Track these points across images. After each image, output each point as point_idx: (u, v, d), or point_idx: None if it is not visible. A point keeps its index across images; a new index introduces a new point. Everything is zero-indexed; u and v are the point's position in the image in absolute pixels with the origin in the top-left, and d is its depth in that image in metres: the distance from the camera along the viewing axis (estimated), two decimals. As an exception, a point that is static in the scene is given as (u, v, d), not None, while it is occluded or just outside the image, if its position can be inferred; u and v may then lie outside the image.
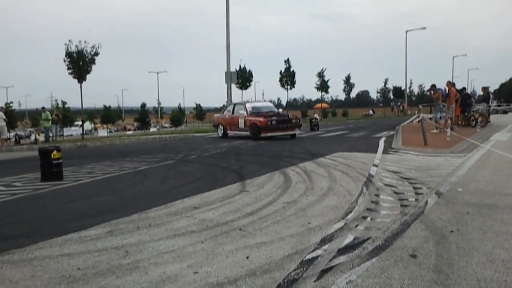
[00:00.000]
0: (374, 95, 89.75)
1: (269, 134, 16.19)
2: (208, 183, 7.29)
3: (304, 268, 3.38)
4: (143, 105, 71.77)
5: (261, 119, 16.54)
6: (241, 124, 17.26)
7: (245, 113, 17.28)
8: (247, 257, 3.67)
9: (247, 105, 18.16)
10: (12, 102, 49.28)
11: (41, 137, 24.70)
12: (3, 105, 25.89)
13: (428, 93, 18.96)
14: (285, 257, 3.65)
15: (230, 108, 18.86)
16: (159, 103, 70.18)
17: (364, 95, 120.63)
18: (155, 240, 4.20)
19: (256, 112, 17.42)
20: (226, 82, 25.41)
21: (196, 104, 75.63)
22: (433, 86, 17.40)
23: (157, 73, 65.44)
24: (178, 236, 4.32)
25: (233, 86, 29.58)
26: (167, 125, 66.66)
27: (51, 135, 22.59)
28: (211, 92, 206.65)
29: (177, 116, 57.68)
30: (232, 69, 26.73)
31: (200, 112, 72.81)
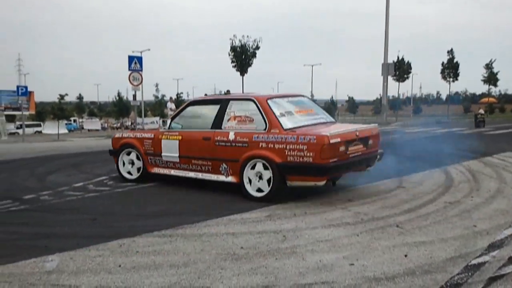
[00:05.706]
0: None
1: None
2: (363, 177, 7.17)
3: (469, 274, 3.15)
4: (296, 97, 73.37)
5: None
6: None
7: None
8: (405, 255, 3.56)
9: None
10: (182, 93, 55.01)
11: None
12: (172, 96, 28.93)
13: None
14: (447, 260, 3.45)
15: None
16: (312, 95, 71.16)
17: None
18: (311, 228, 4.31)
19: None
20: (382, 74, 24.70)
21: (349, 97, 74.97)
22: None
23: (312, 66, 66.27)
24: (333, 226, 4.37)
25: (390, 78, 28.57)
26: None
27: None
28: (364, 84, 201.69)
29: (329, 108, 57.79)
30: (389, 61, 25.83)
31: (352, 105, 72.06)
